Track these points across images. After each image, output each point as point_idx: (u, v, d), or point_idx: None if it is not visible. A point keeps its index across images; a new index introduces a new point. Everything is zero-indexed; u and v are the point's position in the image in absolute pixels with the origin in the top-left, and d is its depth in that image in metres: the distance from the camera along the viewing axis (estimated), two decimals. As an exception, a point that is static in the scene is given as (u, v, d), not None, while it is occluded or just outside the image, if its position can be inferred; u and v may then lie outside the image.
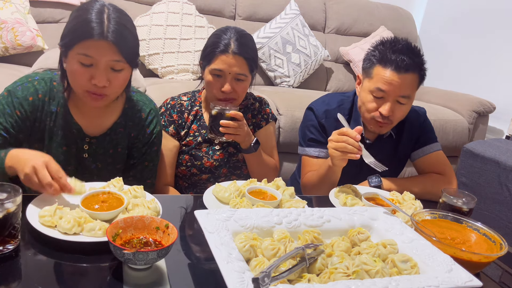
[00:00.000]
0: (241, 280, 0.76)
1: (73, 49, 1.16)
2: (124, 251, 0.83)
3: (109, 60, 1.17)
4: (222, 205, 1.21)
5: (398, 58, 1.43)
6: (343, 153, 1.33)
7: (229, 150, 1.64)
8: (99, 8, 1.18)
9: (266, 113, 1.72)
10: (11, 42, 2.47)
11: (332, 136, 1.37)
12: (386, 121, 1.50)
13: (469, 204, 1.29)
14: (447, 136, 2.92)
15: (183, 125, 1.63)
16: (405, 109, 1.51)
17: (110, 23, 1.16)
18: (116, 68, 1.20)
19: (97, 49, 1.15)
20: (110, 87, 1.21)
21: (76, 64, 1.17)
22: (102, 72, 1.17)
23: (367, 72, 1.52)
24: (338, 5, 3.59)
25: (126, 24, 1.21)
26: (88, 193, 1.07)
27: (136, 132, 1.40)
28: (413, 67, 1.44)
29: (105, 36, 1.15)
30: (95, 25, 1.14)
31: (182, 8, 3.00)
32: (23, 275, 0.86)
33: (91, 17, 1.15)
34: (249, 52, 1.53)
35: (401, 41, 1.49)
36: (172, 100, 1.65)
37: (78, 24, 1.17)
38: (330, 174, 1.45)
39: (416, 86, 1.49)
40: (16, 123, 1.24)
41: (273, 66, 3.17)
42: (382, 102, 1.47)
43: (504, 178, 2.09)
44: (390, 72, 1.44)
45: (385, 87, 1.44)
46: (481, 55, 3.45)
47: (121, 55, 1.18)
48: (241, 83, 1.54)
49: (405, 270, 0.91)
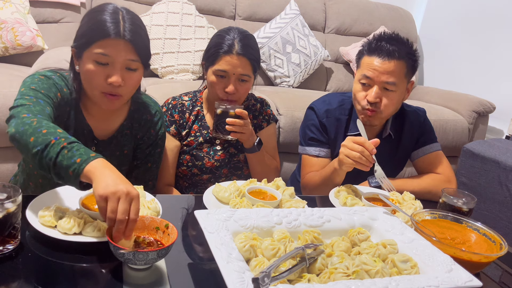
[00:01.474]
0: (241, 280, 0.76)
1: (89, 49, 1.16)
2: (124, 251, 0.83)
3: (126, 59, 1.18)
4: (222, 205, 1.21)
5: (382, 46, 1.49)
6: (355, 163, 1.33)
7: (230, 151, 1.64)
8: (113, 9, 1.19)
9: (267, 114, 1.72)
10: (11, 42, 2.47)
11: (346, 142, 1.35)
12: (374, 109, 1.51)
13: (469, 204, 1.29)
14: (447, 136, 2.92)
15: (184, 125, 1.63)
16: (392, 97, 1.52)
17: (126, 23, 1.17)
18: (132, 67, 1.20)
19: (114, 48, 1.16)
20: (125, 87, 1.21)
21: (91, 63, 1.17)
22: (118, 71, 1.18)
23: (357, 64, 1.58)
24: (338, 5, 3.59)
25: (140, 24, 1.23)
26: (88, 193, 1.07)
27: (142, 134, 1.41)
28: (398, 54, 1.48)
29: (122, 35, 1.16)
30: (111, 25, 1.15)
31: (182, 8, 3.00)
32: (23, 275, 0.86)
33: (106, 17, 1.16)
34: (253, 53, 1.54)
35: (389, 33, 1.55)
36: (173, 100, 1.65)
37: (93, 25, 1.17)
38: (334, 176, 1.45)
39: (403, 74, 1.51)
40: (55, 105, 1.18)
41: (273, 66, 3.17)
42: (368, 89, 1.52)
43: (504, 178, 2.09)
44: (375, 59, 1.49)
45: (369, 73, 1.49)
46: (481, 55, 3.45)
47: (137, 54, 1.19)
48: (244, 84, 1.54)
49: (405, 270, 0.91)
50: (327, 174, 1.48)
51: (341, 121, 1.64)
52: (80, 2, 2.83)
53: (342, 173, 1.43)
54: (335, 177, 1.45)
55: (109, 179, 0.88)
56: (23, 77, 2.22)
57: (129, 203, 0.87)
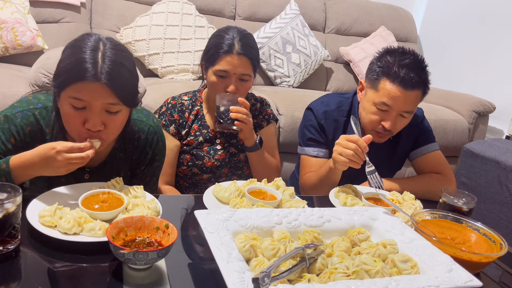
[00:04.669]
0: (241, 280, 0.76)
1: (65, 91, 1.07)
2: (124, 251, 0.83)
3: (104, 103, 1.08)
4: (222, 205, 1.21)
5: (406, 76, 1.42)
6: (348, 161, 1.33)
7: (230, 150, 1.64)
8: (93, 45, 1.08)
9: (267, 114, 1.72)
10: (11, 42, 2.47)
11: (340, 140, 1.35)
12: (386, 133, 1.52)
13: (469, 204, 1.29)
14: (447, 136, 2.92)
15: (184, 125, 1.63)
16: (406, 122, 1.53)
17: (105, 63, 1.06)
18: (112, 110, 1.10)
19: (90, 92, 1.06)
20: (105, 131, 1.12)
21: (68, 107, 1.08)
22: (95, 116, 1.08)
23: (372, 84, 1.50)
24: (338, 5, 3.59)
25: (123, 61, 1.11)
26: (88, 193, 1.07)
27: (137, 154, 1.33)
28: (419, 84, 1.45)
29: (99, 78, 1.05)
30: (89, 66, 1.05)
31: (182, 8, 3.00)
32: (23, 275, 0.86)
33: (84, 56, 1.06)
34: (253, 52, 1.54)
35: (409, 53, 1.48)
36: (173, 99, 1.65)
37: (70, 64, 1.07)
38: (330, 175, 1.45)
39: (419, 100, 1.50)
40: (9, 151, 1.14)
41: (273, 66, 3.17)
42: (385, 115, 1.48)
43: (504, 178, 2.09)
44: (396, 88, 1.43)
45: (390, 102, 1.45)
46: (481, 55, 3.45)
47: (117, 97, 1.08)
48: (245, 83, 1.55)
49: (405, 270, 0.91)
50: (323, 173, 1.49)
51: (339, 122, 1.64)
52: (80, 2, 2.83)
53: (338, 172, 1.43)
54: (331, 176, 1.45)
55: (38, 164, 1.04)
56: (23, 77, 2.25)
57: (65, 158, 1.02)
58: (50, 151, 1.03)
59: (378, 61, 1.50)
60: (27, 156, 1.06)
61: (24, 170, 1.07)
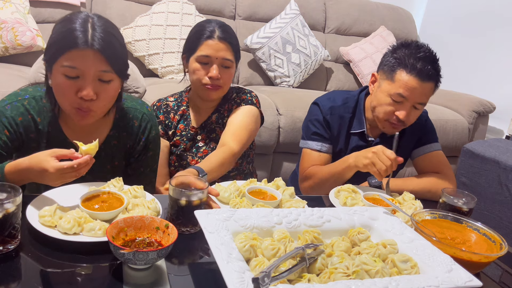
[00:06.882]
0: (241, 280, 0.76)
1: (57, 61, 1.08)
2: (124, 251, 0.83)
3: (96, 70, 1.09)
4: (222, 205, 1.21)
5: (423, 67, 1.45)
6: (378, 172, 1.35)
7: (211, 146, 1.64)
8: (83, 18, 1.11)
9: (240, 99, 1.66)
10: (11, 42, 2.47)
11: (378, 151, 1.37)
12: (400, 124, 1.54)
13: (469, 204, 1.29)
14: (447, 136, 2.92)
15: (169, 125, 1.65)
16: (418, 114, 1.56)
17: (96, 31, 1.08)
18: (105, 79, 1.12)
19: (82, 59, 1.07)
20: (98, 101, 1.13)
21: (61, 77, 1.09)
22: (89, 83, 1.09)
23: (388, 75, 1.52)
24: (338, 5, 3.59)
25: (112, 32, 1.13)
26: (88, 193, 1.07)
27: (131, 142, 1.34)
28: (434, 76, 1.49)
29: (91, 45, 1.07)
30: (79, 34, 1.07)
31: (182, 8, 3.00)
32: (23, 275, 0.86)
33: (74, 26, 1.08)
34: (234, 38, 1.56)
35: (424, 47, 1.51)
36: (158, 101, 1.69)
37: (60, 34, 1.09)
38: (346, 171, 1.49)
39: (431, 94, 1.54)
40: (5, 144, 1.17)
41: (273, 66, 3.17)
42: (399, 106, 1.50)
43: (504, 178, 2.09)
44: (413, 80, 1.46)
45: (406, 94, 1.47)
46: (481, 55, 3.45)
47: (109, 64, 1.10)
48: (227, 70, 1.55)
49: (405, 270, 0.91)
50: (338, 169, 1.50)
51: (345, 118, 1.65)
52: (80, 2, 2.83)
53: (355, 170, 1.46)
54: (347, 172, 1.48)
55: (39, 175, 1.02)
56: (23, 77, 2.24)
57: (59, 175, 1.01)
58: (44, 172, 1.01)
59: (393, 53, 1.53)
60: (22, 166, 1.05)
61: (18, 182, 1.06)
